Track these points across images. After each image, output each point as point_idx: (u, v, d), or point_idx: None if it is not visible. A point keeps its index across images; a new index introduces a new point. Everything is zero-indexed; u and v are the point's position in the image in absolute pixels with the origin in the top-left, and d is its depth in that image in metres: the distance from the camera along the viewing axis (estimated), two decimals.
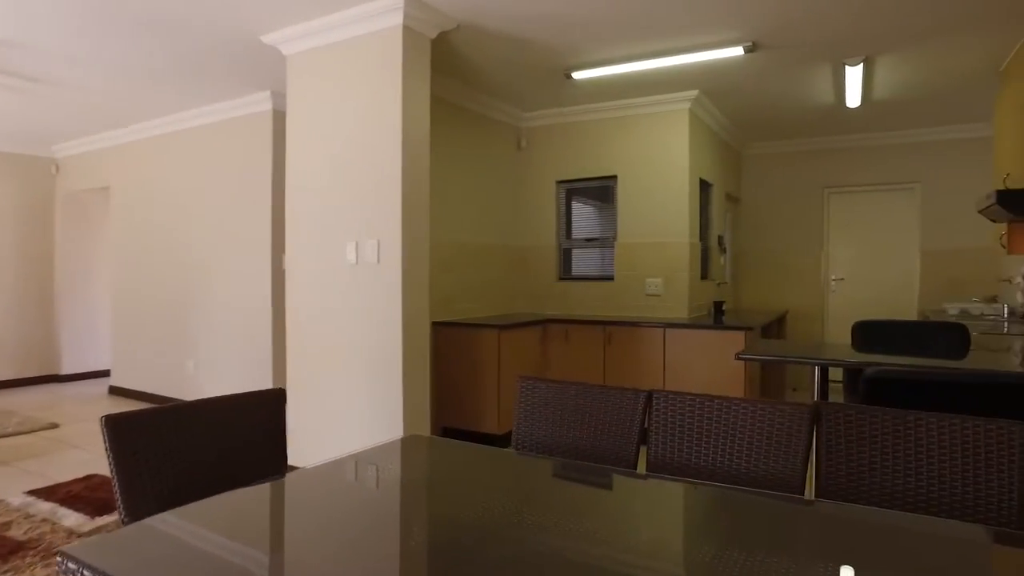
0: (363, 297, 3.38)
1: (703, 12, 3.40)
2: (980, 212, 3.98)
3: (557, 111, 5.40)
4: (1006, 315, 4.82)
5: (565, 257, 5.61)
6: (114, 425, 1.55)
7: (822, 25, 3.55)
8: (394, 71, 3.24)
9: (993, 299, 5.78)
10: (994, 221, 3.94)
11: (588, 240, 5.51)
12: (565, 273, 5.61)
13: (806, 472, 1.77)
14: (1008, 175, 3.91)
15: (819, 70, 4.30)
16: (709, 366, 4.34)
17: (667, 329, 4.51)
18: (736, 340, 4.26)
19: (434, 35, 3.43)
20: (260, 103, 4.84)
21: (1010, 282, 5.28)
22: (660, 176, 5.08)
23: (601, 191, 5.44)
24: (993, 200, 3.52)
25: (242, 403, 1.83)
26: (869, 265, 6.48)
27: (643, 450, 1.96)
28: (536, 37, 3.74)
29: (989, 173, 5.87)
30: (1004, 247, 4.02)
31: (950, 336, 3.12)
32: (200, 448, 1.69)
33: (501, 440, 4.49)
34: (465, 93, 4.73)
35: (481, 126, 5.06)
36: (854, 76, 4.29)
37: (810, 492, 1.77)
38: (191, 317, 5.53)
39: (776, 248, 6.81)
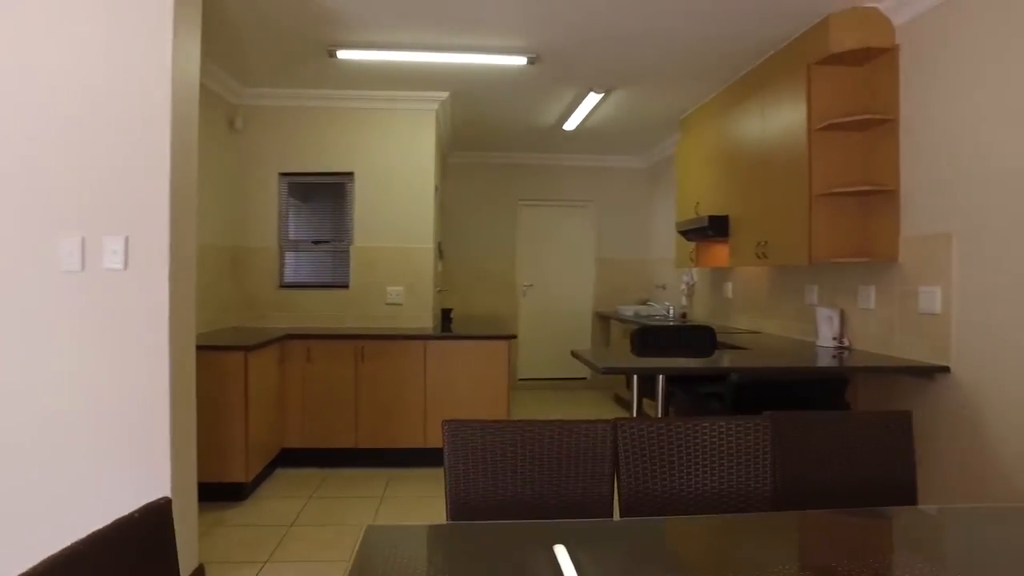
0: (94, 319, 2.28)
1: (498, 13, 3.29)
2: (681, 232, 4.81)
3: (287, 92, 4.61)
4: (672, 314, 5.96)
5: (288, 261, 4.83)
6: None
7: (594, 52, 3.80)
8: None
9: (646, 302, 7.10)
10: (688, 240, 4.83)
11: (317, 242, 4.85)
12: (289, 279, 4.83)
13: (774, 485, 1.81)
14: (699, 203, 4.82)
15: (566, 91, 4.62)
16: (475, 379, 4.24)
17: (428, 341, 4.25)
18: (498, 350, 4.26)
19: None
20: None
21: (664, 288, 6.56)
22: (404, 177, 4.78)
23: (334, 188, 4.85)
24: (706, 223, 4.28)
25: (104, 548, 1.00)
26: (554, 272, 7.28)
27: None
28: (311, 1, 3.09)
29: (643, 197, 7.19)
30: (692, 260, 4.96)
31: (700, 337, 3.67)
32: None
33: (251, 488, 3.61)
34: None
35: None
36: (591, 103, 4.74)
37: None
38: None
39: (476, 255, 7.12)
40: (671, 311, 5.95)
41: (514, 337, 4.31)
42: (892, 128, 3.11)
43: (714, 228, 4.27)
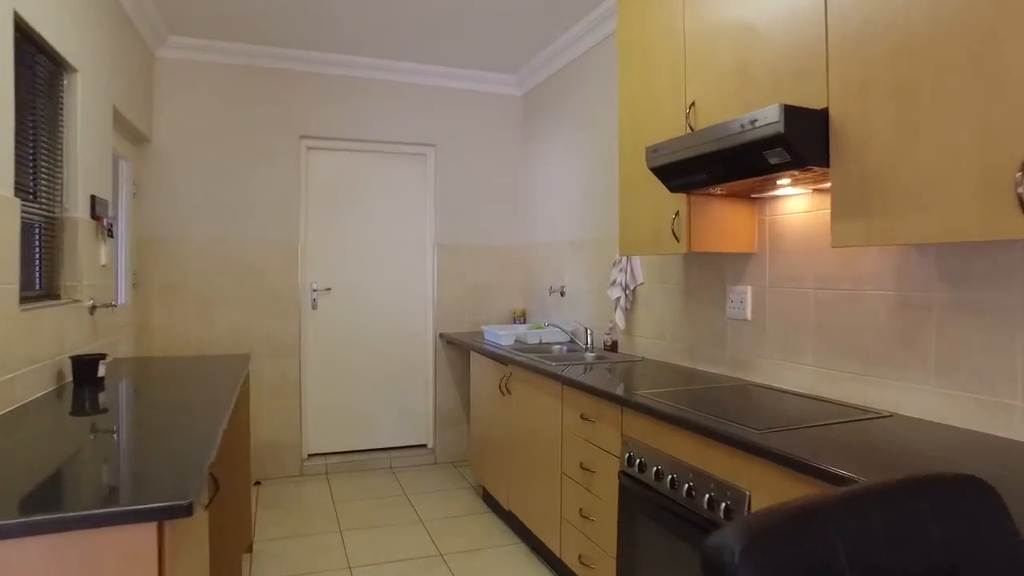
0: None
1: None
2: (661, 168, 2.07)
3: None
4: (590, 344, 3.24)
5: None
6: None
7: None
8: None
9: (523, 315, 4.34)
10: (673, 191, 2.13)
11: None
12: None
13: None
14: (695, 103, 2.13)
15: None
16: None
17: None
18: (128, 557, 1.17)
19: None
20: None
21: (563, 294, 3.83)
22: None
23: None
24: (780, 127, 1.57)
25: None
26: (369, 267, 4.23)
27: None
28: None
29: (516, 144, 4.41)
30: (676, 237, 2.26)
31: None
32: None
33: None
34: None
35: None
36: None
37: None
38: None
39: (216, 234, 3.84)
40: (590, 338, 3.22)
41: (186, 509, 1.25)
42: None
43: (801, 143, 1.58)
